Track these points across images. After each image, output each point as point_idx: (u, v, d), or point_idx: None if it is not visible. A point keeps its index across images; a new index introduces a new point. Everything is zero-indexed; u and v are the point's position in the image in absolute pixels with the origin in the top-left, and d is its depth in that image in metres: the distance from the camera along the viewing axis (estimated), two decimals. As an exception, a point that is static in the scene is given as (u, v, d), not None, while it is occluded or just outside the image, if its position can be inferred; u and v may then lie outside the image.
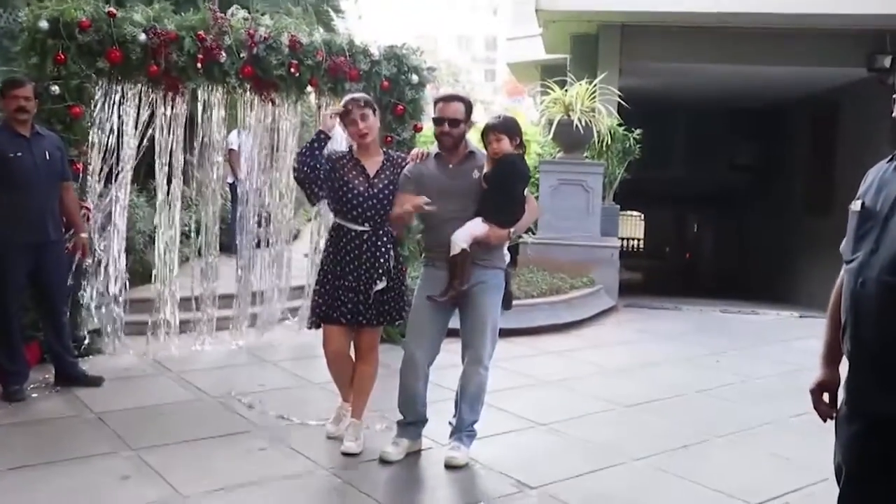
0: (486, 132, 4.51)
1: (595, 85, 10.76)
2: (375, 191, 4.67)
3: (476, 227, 4.47)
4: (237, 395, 5.73)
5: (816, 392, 2.69)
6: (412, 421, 4.86)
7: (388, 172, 4.74)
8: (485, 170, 4.52)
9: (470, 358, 4.71)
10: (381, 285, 4.73)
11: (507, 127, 4.51)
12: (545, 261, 10.03)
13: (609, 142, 10.98)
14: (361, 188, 4.67)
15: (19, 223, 5.40)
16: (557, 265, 9.87)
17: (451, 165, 4.60)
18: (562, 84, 11.05)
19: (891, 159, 2.47)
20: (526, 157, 4.77)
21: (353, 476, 4.46)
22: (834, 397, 2.65)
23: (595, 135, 10.51)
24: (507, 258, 4.78)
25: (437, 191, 4.56)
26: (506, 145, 4.45)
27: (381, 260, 4.73)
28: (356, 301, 4.72)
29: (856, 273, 2.40)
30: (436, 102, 4.66)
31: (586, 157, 10.98)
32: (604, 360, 7.68)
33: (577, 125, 10.21)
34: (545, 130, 11.11)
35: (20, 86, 5.45)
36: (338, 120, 4.72)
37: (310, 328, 5.02)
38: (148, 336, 6.96)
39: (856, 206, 2.49)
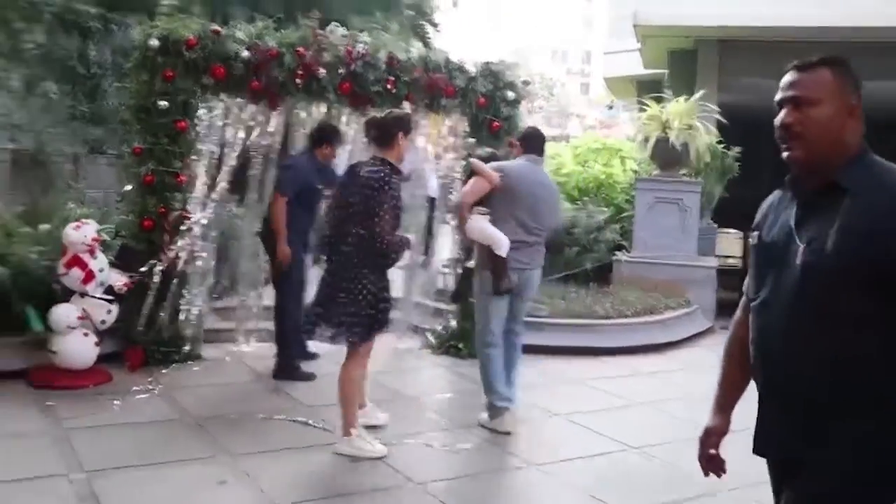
0: None
1: (693, 102, 10.58)
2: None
3: None
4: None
5: (703, 441, 2.50)
6: None
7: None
8: None
9: None
10: None
11: None
12: (640, 280, 9.88)
13: (707, 159, 10.78)
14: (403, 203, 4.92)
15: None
16: (652, 284, 9.70)
17: None
18: (659, 100, 10.90)
19: (782, 184, 2.31)
20: (616, 174, 4.69)
21: (444, 491, 4.48)
22: (717, 446, 2.47)
23: (693, 152, 10.33)
24: None
25: None
26: None
27: None
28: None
29: (759, 312, 2.23)
30: None
31: (683, 174, 10.80)
32: (698, 383, 7.48)
33: (673, 143, 10.06)
34: (642, 147, 10.97)
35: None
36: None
37: (363, 341, 4.88)
38: (240, 342, 7.19)
39: (753, 238, 2.34)
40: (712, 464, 2.48)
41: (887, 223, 2.00)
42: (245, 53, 6.43)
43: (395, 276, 8.17)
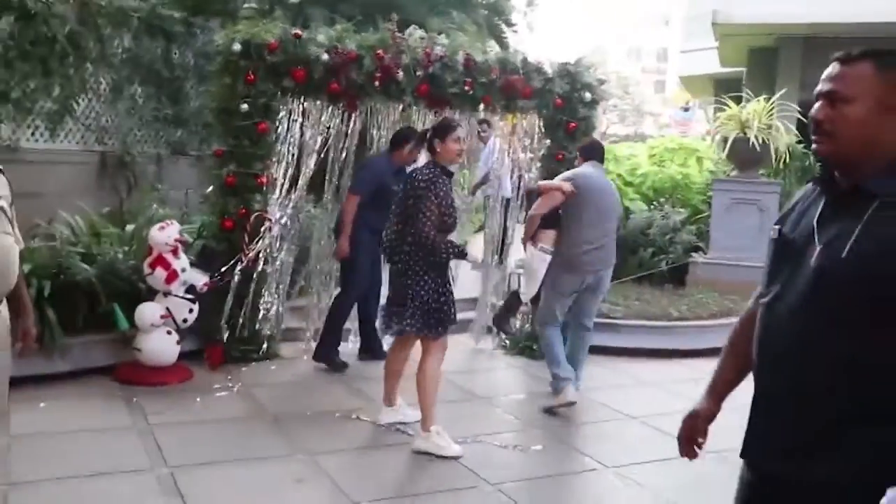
0: None
1: (773, 101, 10.36)
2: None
3: None
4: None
5: (686, 421, 2.44)
6: None
7: None
8: None
9: None
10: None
11: None
12: (716, 281, 9.73)
13: (787, 160, 10.54)
14: (454, 205, 5.12)
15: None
16: (729, 286, 9.52)
17: None
18: (737, 100, 10.71)
19: (812, 180, 2.18)
20: (693, 174, 4.78)
21: (518, 492, 4.49)
22: (703, 432, 2.42)
23: (772, 153, 10.11)
24: None
25: None
26: None
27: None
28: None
29: (768, 309, 2.12)
30: None
31: (762, 174, 10.60)
32: (776, 387, 7.38)
33: (753, 143, 9.87)
34: (719, 147, 10.79)
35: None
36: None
37: (437, 338, 5.06)
38: (310, 340, 7.26)
39: (773, 232, 2.19)
40: (690, 445, 2.43)
41: None
42: (325, 56, 6.50)
43: (471, 276, 8.25)
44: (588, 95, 7.32)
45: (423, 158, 5.34)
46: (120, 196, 8.19)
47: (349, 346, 7.18)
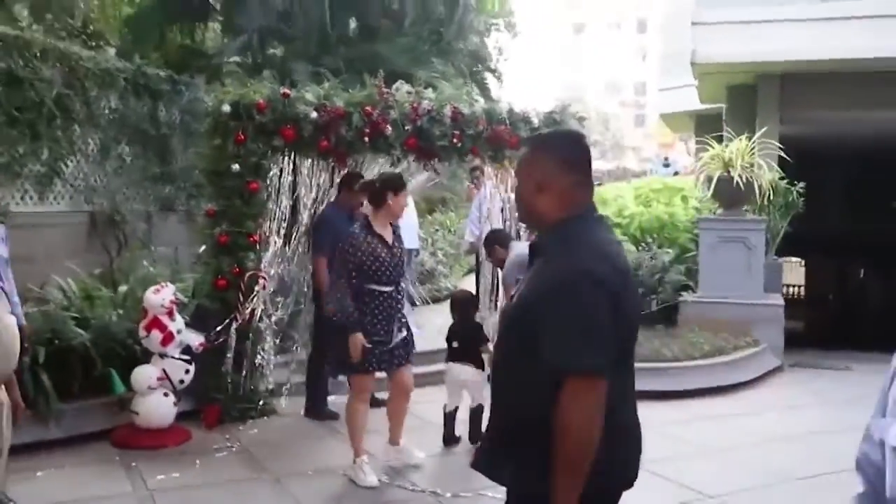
0: None
1: (755, 140, 10.51)
2: (396, 258, 5.42)
3: None
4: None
5: None
6: None
7: (398, 239, 5.55)
8: None
9: None
10: (402, 335, 5.49)
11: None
12: (706, 320, 9.80)
13: (771, 196, 10.66)
14: (387, 257, 5.35)
15: None
16: (719, 324, 9.61)
17: None
18: (718, 139, 10.84)
19: None
20: (678, 213, 4.82)
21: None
22: None
23: (756, 190, 10.23)
24: None
25: None
26: None
27: (402, 313, 5.53)
28: (383, 350, 5.35)
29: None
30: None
31: (746, 210, 10.70)
32: (768, 426, 7.38)
33: (737, 181, 9.98)
34: (703, 187, 10.91)
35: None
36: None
37: (352, 376, 5.58)
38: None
39: None
40: None
41: (540, 286, 2.33)
42: (314, 114, 6.56)
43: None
44: (573, 143, 7.39)
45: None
46: (110, 255, 8.19)
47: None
